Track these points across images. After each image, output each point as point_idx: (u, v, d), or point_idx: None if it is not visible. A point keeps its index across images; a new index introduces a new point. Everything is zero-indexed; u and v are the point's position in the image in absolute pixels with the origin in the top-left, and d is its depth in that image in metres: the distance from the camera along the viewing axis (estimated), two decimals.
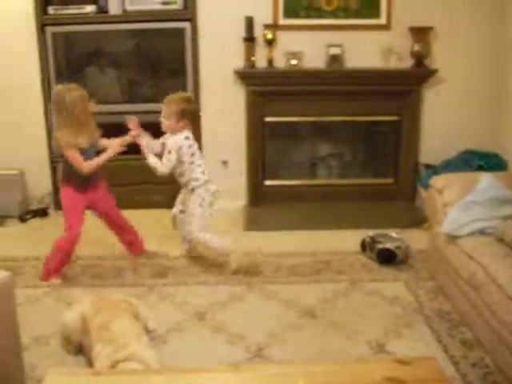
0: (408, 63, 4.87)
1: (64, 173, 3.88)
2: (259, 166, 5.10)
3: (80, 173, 3.74)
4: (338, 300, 3.59)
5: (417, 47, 4.78)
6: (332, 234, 4.58)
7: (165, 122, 3.82)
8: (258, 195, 5.13)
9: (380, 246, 4.04)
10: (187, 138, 3.85)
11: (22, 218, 5.05)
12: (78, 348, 3.02)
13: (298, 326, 3.31)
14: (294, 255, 4.21)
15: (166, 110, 3.80)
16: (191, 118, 3.86)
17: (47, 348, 3.13)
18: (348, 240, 4.39)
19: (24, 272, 4.02)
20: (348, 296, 3.64)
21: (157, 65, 5.05)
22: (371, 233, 4.21)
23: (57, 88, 3.79)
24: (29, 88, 4.99)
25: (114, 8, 4.83)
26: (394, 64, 4.88)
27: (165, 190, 4.76)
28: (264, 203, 5.10)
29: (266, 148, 5.09)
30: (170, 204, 4.21)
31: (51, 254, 3.86)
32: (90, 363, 2.83)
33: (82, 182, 3.80)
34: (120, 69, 5.07)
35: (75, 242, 3.85)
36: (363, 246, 4.20)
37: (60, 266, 3.89)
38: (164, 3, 4.81)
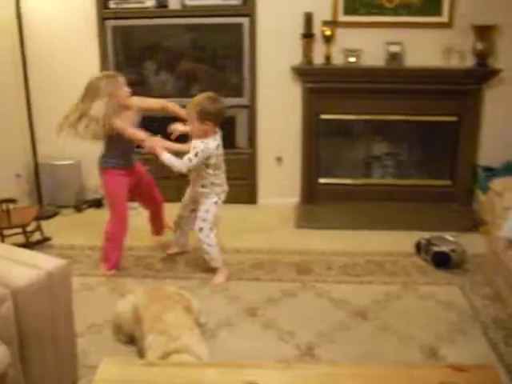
0: (470, 62, 4.75)
1: (106, 158, 3.89)
2: (314, 164, 5.06)
3: (121, 154, 3.83)
4: (390, 302, 3.54)
5: (479, 46, 4.65)
6: (386, 234, 4.51)
7: (190, 127, 3.65)
8: (311, 193, 5.08)
9: (435, 248, 3.96)
10: (217, 146, 3.65)
11: (78, 208, 5.16)
12: (130, 338, 3.06)
13: (348, 327, 3.27)
14: (347, 255, 4.17)
15: (188, 113, 3.63)
16: (214, 119, 3.58)
17: (100, 336, 3.19)
18: (402, 241, 4.32)
19: (79, 260, 4.11)
20: (400, 298, 3.58)
21: (214, 59, 5.07)
22: (426, 235, 4.13)
23: (92, 77, 3.80)
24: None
25: (173, 2, 4.87)
26: (455, 63, 4.77)
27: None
28: (317, 201, 5.05)
29: (320, 145, 5.04)
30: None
31: (106, 246, 3.94)
32: (141, 353, 2.86)
33: (124, 164, 3.88)
34: (177, 63, 5.10)
35: (126, 225, 3.90)
36: (418, 248, 4.12)
37: (119, 253, 3.95)
38: None
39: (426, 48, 4.79)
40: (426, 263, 4.02)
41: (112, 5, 4.89)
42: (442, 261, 3.92)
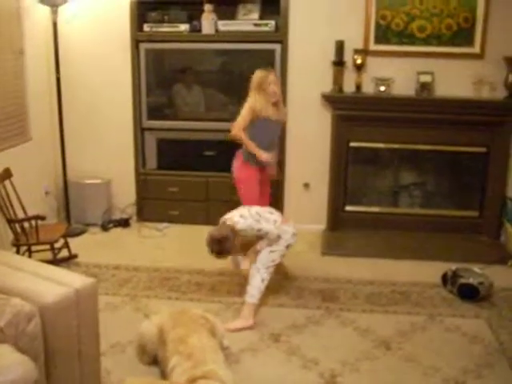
0: (501, 94, 4.73)
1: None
2: (341, 191, 5.06)
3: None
4: (416, 333, 3.50)
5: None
6: (412, 264, 4.47)
7: None
8: (337, 220, 5.08)
9: (462, 280, 3.92)
10: None
11: (105, 227, 5.19)
12: (153, 359, 3.07)
13: (372, 356, 3.25)
14: (372, 283, 4.15)
15: None
16: None
17: (123, 356, 3.20)
18: (428, 272, 4.28)
19: (104, 279, 4.14)
20: (426, 330, 3.54)
21: (244, 85, 5.08)
22: (453, 266, 4.08)
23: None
24: (120, 101, 5.15)
25: (206, 28, 4.93)
26: (485, 94, 4.75)
27: None
28: (343, 228, 5.06)
29: (348, 173, 5.05)
30: None
31: None
32: (163, 375, 2.86)
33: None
34: (207, 87, 5.15)
35: None
36: (444, 279, 4.08)
37: None
38: (256, 25, 4.87)
39: (456, 78, 4.79)
40: (452, 295, 3.97)
41: (146, 28, 4.98)
42: (469, 293, 3.88)
